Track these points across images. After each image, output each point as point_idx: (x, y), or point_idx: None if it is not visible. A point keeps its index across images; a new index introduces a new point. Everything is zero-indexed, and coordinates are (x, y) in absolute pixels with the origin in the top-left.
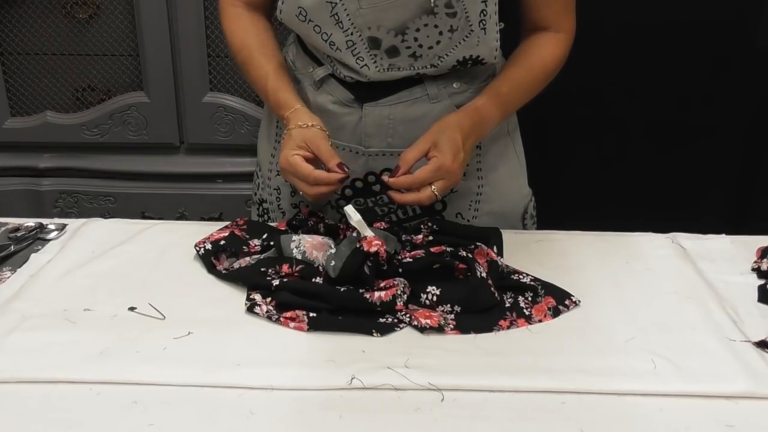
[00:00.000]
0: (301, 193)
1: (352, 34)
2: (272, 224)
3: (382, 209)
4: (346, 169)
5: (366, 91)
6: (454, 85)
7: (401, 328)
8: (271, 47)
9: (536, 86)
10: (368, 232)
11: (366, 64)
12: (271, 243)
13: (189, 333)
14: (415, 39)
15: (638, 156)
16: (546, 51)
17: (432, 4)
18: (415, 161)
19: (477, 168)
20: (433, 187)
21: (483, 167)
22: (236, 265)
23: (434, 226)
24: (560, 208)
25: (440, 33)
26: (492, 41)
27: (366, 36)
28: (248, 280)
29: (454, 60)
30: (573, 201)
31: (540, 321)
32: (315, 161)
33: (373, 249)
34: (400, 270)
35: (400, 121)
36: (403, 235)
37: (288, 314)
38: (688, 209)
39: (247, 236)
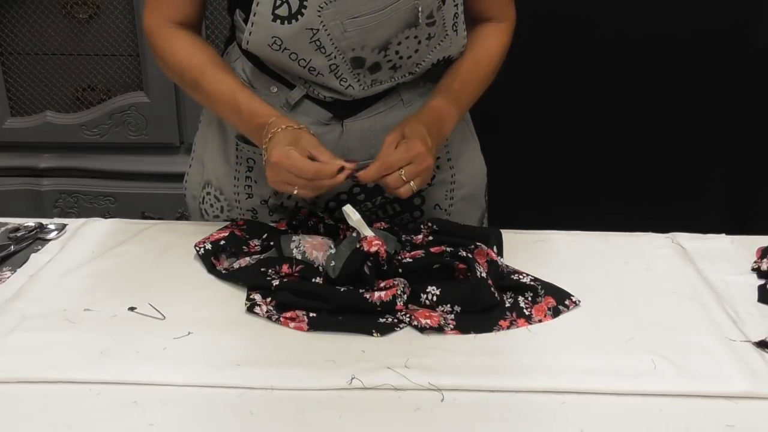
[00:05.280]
0: (295, 192)
1: (335, 57)
2: (272, 224)
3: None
4: (348, 164)
5: (344, 108)
6: (424, 86)
7: (401, 328)
8: (221, 62)
9: (485, 78)
10: (368, 232)
11: (350, 84)
12: (271, 243)
13: (189, 333)
14: (396, 52)
15: (639, 156)
16: (491, 42)
17: (419, 19)
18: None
19: (447, 158)
20: (402, 171)
21: (452, 156)
22: (236, 265)
23: (434, 226)
24: (560, 208)
25: (419, 42)
26: (461, 39)
27: (349, 57)
28: (248, 280)
29: (430, 64)
30: (573, 201)
31: (540, 321)
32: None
33: (373, 249)
34: (400, 270)
35: (381, 130)
36: (403, 235)
37: (288, 314)
38: (688, 209)
39: (247, 236)
